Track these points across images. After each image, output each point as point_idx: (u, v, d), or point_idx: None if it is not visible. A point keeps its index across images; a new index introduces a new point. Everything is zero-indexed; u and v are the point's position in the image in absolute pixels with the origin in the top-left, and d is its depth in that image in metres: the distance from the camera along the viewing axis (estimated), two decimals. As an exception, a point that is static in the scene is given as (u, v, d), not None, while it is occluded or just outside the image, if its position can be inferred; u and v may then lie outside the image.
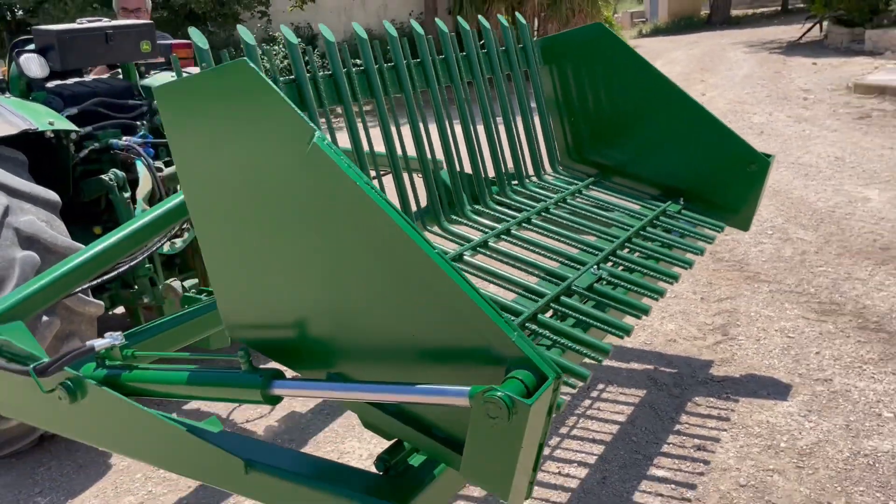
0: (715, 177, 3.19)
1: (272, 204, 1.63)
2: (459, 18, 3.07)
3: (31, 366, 2.00)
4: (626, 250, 2.62)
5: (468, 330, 1.44)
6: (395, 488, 1.65)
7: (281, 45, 14.30)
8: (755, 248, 4.83)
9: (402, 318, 1.54)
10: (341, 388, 1.63)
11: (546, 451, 2.84)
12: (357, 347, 1.66)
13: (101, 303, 2.98)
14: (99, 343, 1.96)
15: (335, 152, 1.50)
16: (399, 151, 2.54)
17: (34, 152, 3.14)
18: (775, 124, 8.86)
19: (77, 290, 2.51)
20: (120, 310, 3.66)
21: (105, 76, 3.85)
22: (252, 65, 1.56)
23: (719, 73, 14.13)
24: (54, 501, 2.86)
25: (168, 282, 3.13)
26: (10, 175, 2.86)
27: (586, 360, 1.98)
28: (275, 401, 1.74)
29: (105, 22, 3.47)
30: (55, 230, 2.88)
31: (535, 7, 15.25)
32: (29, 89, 3.39)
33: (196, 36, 1.98)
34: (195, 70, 3.81)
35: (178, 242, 3.34)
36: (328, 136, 1.58)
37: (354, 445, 3.03)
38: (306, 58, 2.27)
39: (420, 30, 2.74)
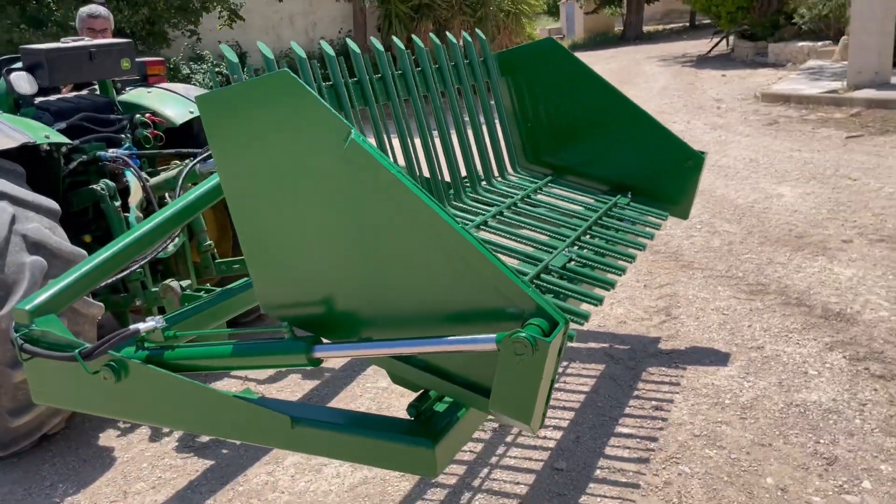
0: (657, 173, 3.61)
1: (309, 194, 1.91)
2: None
3: (77, 350, 2.20)
4: (588, 236, 2.99)
5: (490, 290, 1.75)
6: (426, 430, 1.94)
7: (209, 63, 14.34)
8: (687, 240, 5.32)
9: (429, 286, 1.84)
10: (379, 346, 1.92)
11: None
12: (385, 314, 1.94)
13: (102, 305, 3.16)
14: (143, 326, 2.19)
15: (370, 146, 1.80)
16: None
17: (28, 165, 3.29)
18: (694, 131, 9.52)
19: (99, 286, 2.70)
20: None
21: (83, 93, 4.01)
22: (293, 74, 1.85)
23: (638, 86, 14.90)
24: (66, 491, 3.02)
25: (167, 282, 3.32)
26: (14, 185, 3.03)
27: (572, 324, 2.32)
28: (317, 363, 2.01)
29: (87, 41, 3.65)
30: (58, 237, 3.06)
31: (461, 25, 15.73)
32: (16, 106, 3.54)
33: (227, 51, 2.25)
34: (169, 85, 4.04)
35: (170, 247, 3.53)
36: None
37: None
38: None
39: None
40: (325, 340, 2.04)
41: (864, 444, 2.82)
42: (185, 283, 3.45)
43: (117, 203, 3.42)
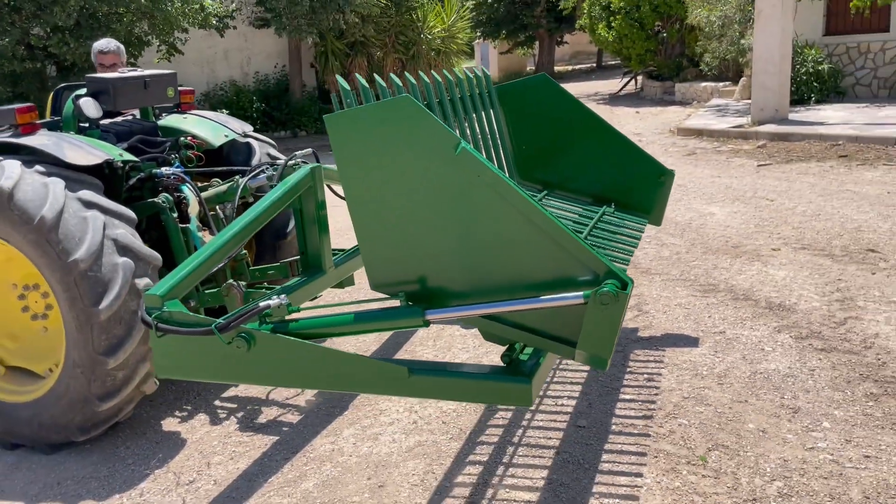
0: (635, 187, 4.31)
1: (421, 192, 2.45)
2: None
3: (213, 324, 2.66)
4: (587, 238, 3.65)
5: (571, 259, 2.31)
6: (518, 372, 2.50)
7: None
8: (640, 251, 6.07)
9: (521, 259, 2.39)
10: (482, 307, 2.46)
11: (542, 392, 3.76)
12: (481, 284, 2.48)
13: (174, 302, 3.56)
14: (273, 302, 2.67)
15: (476, 152, 2.38)
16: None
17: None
18: (623, 161, 10.45)
19: (209, 274, 3.13)
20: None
21: (129, 118, 4.40)
22: (413, 98, 2.42)
23: (561, 121, 15.91)
24: (152, 466, 3.39)
25: (229, 282, 3.75)
26: (100, 196, 3.43)
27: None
28: (427, 324, 2.53)
29: (140, 71, 4.07)
30: (139, 241, 3.46)
31: (394, 62, 16.45)
32: (79, 128, 3.91)
33: (341, 81, 2.78)
34: (200, 111, 4.49)
35: (225, 252, 3.96)
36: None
37: (388, 405, 3.79)
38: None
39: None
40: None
41: (818, 397, 3.55)
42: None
43: (175, 215, 3.83)
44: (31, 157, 3.49)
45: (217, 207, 4.07)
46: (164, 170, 3.91)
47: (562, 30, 30.70)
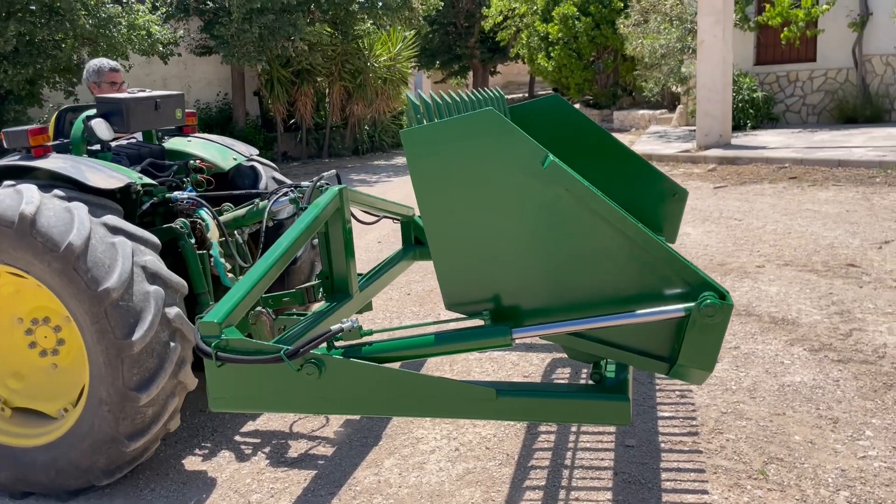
0: (648, 205, 4.33)
1: (505, 207, 2.39)
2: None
3: (283, 351, 2.51)
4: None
5: (666, 272, 2.27)
6: (613, 389, 2.44)
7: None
8: (630, 272, 6.12)
9: (612, 274, 2.36)
10: (575, 323, 2.40)
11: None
12: (567, 301, 2.43)
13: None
14: (345, 326, 2.54)
15: (565, 165, 2.34)
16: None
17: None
18: (583, 185, 10.61)
19: (258, 303, 2.97)
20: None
21: (133, 140, 4.18)
22: (497, 112, 2.36)
23: (509, 148, 16.09)
24: (184, 510, 3.16)
25: (258, 309, 3.57)
26: (125, 221, 3.23)
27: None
28: (512, 343, 2.44)
29: (149, 92, 3.88)
30: (165, 268, 3.27)
31: (340, 90, 16.36)
32: (89, 152, 3.68)
33: (411, 97, 2.70)
34: (204, 135, 4.33)
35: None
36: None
37: (423, 433, 3.66)
38: None
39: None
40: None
41: (852, 407, 3.62)
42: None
43: (192, 240, 3.64)
44: (47, 181, 3.26)
45: (235, 232, 3.89)
46: (178, 194, 3.72)
47: (495, 60, 31.23)
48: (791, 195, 8.98)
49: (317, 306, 3.95)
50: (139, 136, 4.23)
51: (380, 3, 15.24)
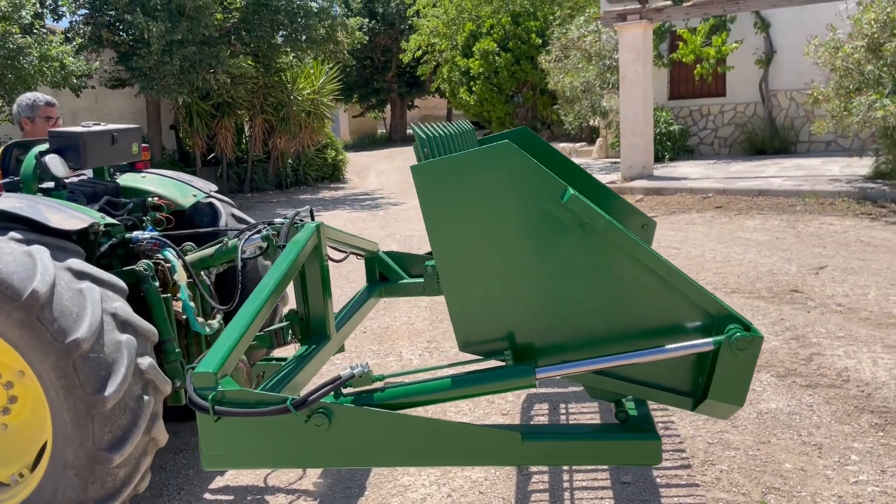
0: None
1: (523, 242, 2.31)
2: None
3: (289, 402, 2.33)
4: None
5: (691, 305, 2.24)
6: (635, 427, 2.37)
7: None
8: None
9: (636, 308, 2.30)
10: (598, 361, 2.31)
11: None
12: (588, 337, 2.35)
13: (170, 381, 3.12)
14: (356, 371, 2.38)
15: (585, 199, 2.28)
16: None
17: (70, 246, 3.19)
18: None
19: (246, 349, 2.75)
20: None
21: (84, 177, 3.87)
22: (514, 145, 2.29)
23: (435, 181, 16.12)
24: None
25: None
26: (90, 265, 2.96)
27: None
28: (535, 384, 2.34)
29: (104, 126, 3.62)
30: (135, 315, 3.01)
31: (262, 123, 16.04)
32: (40, 190, 3.38)
33: (417, 129, 2.60)
34: (158, 170, 4.10)
35: (215, 324, 3.54)
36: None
37: (410, 480, 3.49)
38: None
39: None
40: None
41: (831, 432, 3.68)
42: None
43: (156, 283, 3.39)
44: (1, 222, 2.97)
45: (202, 273, 3.65)
46: (139, 234, 3.46)
47: (413, 94, 31.47)
48: (721, 224, 9.28)
49: (288, 349, 3.75)
50: (89, 172, 3.94)
51: (303, 37, 15.08)
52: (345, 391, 2.45)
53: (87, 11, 14.34)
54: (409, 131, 33.57)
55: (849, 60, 9.44)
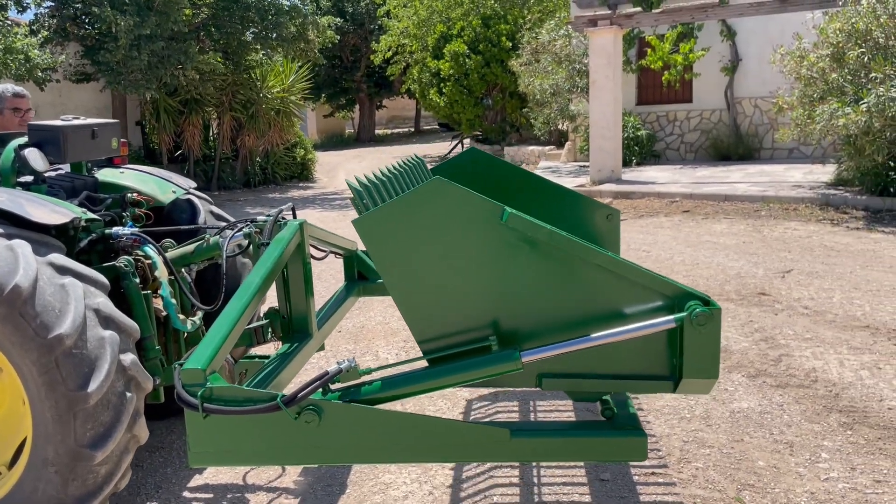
0: (587, 228, 4.36)
1: (475, 266, 2.33)
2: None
3: (279, 398, 2.33)
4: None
5: (644, 290, 2.27)
6: (622, 423, 2.41)
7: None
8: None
9: (589, 301, 2.32)
10: (573, 343, 2.31)
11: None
12: (550, 329, 2.38)
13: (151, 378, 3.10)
14: (343, 366, 2.40)
15: (523, 214, 2.33)
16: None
17: (50, 242, 3.15)
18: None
19: (235, 345, 2.75)
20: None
21: (62, 172, 3.81)
22: (446, 180, 2.34)
23: (405, 182, 16.13)
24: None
25: (217, 354, 3.31)
26: (72, 260, 2.93)
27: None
28: (521, 367, 2.35)
29: (84, 120, 3.57)
30: (117, 311, 2.98)
31: (231, 121, 15.89)
32: (18, 184, 3.32)
33: (351, 184, 2.64)
34: (136, 166, 4.05)
35: (197, 321, 3.52)
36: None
37: (391, 478, 3.51)
38: None
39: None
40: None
41: (802, 430, 3.78)
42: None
43: (136, 280, 3.36)
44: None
45: (183, 270, 3.62)
46: (119, 230, 3.43)
47: (381, 95, 31.41)
48: (688, 228, 9.44)
49: (267, 348, 3.75)
50: (67, 167, 3.88)
51: (274, 34, 14.98)
52: (333, 387, 2.47)
53: (52, 3, 14.06)
54: (378, 131, 33.55)
55: (813, 69, 9.67)
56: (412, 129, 34.73)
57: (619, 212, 4.17)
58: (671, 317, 2.24)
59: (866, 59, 9.15)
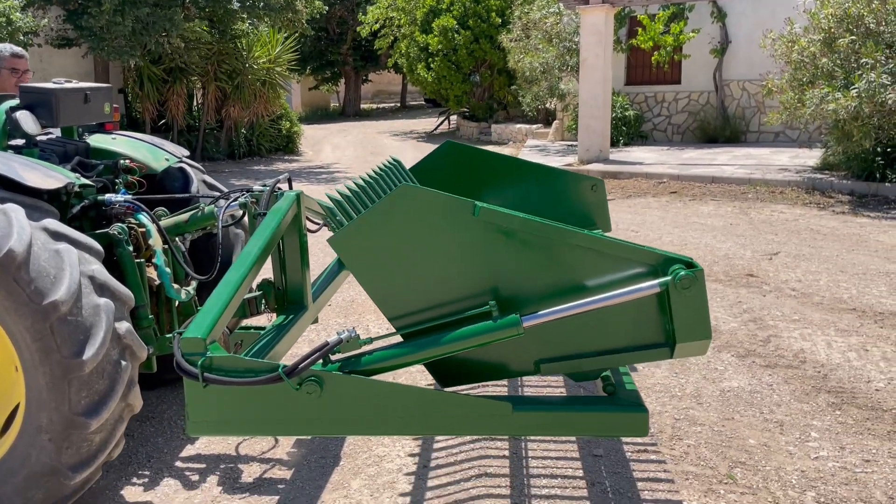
0: (574, 203, 4.34)
1: (454, 264, 2.34)
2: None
3: (280, 369, 2.31)
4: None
5: (622, 261, 2.26)
6: (625, 400, 2.42)
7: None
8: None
9: (578, 284, 2.31)
10: (571, 307, 2.30)
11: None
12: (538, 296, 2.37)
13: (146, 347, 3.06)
14: (345, 335, 2.38)
15: (494, 206, 2.32)
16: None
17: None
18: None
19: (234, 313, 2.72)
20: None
21: (52, 136, 3.73)
22: (412, 185, 2.32)
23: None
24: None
25: (212, 323, 3.27)
26: (66, 226, 2.87)
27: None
28: (522, 332, 2.33)
29: (76, 83, 3.49)
30: (112, 278, 2.94)
31: (216, 91, 15.67)
32: (9, 147, 3.25)
33: (322, 204, 2.61)
34: (128, 132, 3.99)
35: (191, 291, 3.48)
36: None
37: (385, 450, 3.51)
38: None
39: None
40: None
41: (791, 410, 3.82)
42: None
43: (130, 248, 3.31)
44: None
45: (177, 239, 3.57)
46: (112, 196, 3.37)
47: (367, 68, 31.12)
48: (676, 209, 9.48)
49: (266, 318, 3.72)
50: (57, 131, 3.80)
51: (261, 3, 14.74)
52: (334, 357, 2.46)
53: (33, -35, 13.73)
54: (363, 106, 33.28)
55: (804, 54, 9.69)
56: (398, 105, 34.48)
57: (603, 181, 4.18)
58: (655, 282, 2.23)
59: (857, 45, 9.18)
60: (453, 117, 22.57)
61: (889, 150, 9.70)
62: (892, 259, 6.68)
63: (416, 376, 4.25)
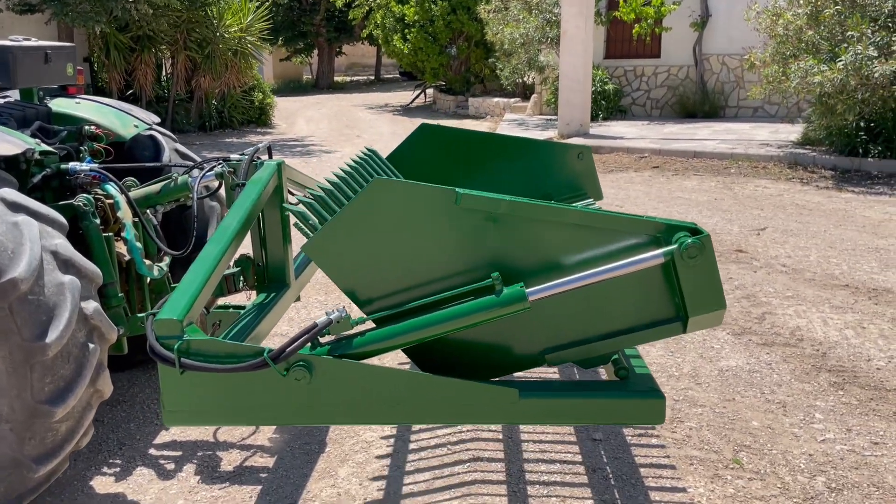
0: (562, 174, 4.14)
1: (443, 255, 2.17)
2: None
3: (266, 354, 2.10)
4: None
5: (622, 234, 2.11)
6: (636, 382, 2.25)
7: None
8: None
9: (575, 261, 2.14)
10: (576, 280, 2.12)
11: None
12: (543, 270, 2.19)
13: (116, 328, 2.84)
14: (333, 317, 2.18)
15: (476, 191, 2.13)
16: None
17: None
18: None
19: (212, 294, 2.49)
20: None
21: (10, 99, 3.43)
22: (386, 179, 2.11)
23: (367, 131, 15.74)
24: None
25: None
26: (26, 196, 2.62)
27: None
28: (529, 306, 2.15)
29: (36, 41, 3.21)
30: (78, 254, 2.70)
31: (186, 60, 15.19)
32: (-39, 108, 2.97)
33: (294, 209, 2.41)
34: (94, 97, 3.71)
35: (164, 267, 3.24)
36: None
37: (372, 436, 3.32)
38: None
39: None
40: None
41: (793, 390, 3.69)
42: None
43: (97, 221, 3.06)
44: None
45: (148, 212, 3.32)
46: (77, 165, 3.11)
47: (341, 40, 30.54)
48: (659, 184, 9.34)
49: (245, 296, 3.50)
50: (15, 94, 3.51)
51: (232, -30, 14.25)
52: (323, 340, 2.26)
53: (-9, -74, 13.10)
54: (337, 78, 32.70)
55: (789, 27, 9.55)
56: (372, 78, 33.90)
57: (590, 148, 4.00)
58: (660, 251, 2.07)
59: (843, 16, 9.05)
60: (429, 90, 22.20)
61: (872, 124, 9.62)
62: (880, 234, 6.61)
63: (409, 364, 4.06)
